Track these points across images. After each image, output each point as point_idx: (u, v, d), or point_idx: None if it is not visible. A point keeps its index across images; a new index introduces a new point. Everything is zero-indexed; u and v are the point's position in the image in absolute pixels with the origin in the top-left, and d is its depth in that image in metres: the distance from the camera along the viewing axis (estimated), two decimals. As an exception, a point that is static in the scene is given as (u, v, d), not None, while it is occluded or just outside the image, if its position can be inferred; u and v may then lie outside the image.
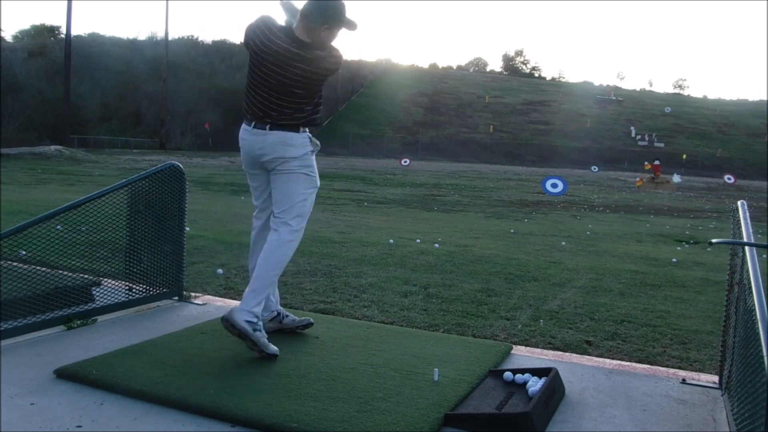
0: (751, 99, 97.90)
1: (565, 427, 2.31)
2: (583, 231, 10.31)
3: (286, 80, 2.94)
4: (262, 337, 2.84)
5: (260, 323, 2.87)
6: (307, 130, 3.05)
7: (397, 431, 2.14)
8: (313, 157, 3.10)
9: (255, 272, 2.97)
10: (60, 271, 3.38)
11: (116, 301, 3.50)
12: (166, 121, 48.37)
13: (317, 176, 3.11)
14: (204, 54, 70.86)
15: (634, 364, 3.14)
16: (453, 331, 3.66)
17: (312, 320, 3.30)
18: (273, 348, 2.86)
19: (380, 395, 2.44)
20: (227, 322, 2.81)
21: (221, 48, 75.80)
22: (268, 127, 3.01)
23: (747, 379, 1.97)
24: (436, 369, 2.68)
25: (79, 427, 2.12)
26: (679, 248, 8.76)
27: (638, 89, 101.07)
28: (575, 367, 2.96)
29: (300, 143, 3.02)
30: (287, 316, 3.24)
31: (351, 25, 3.01)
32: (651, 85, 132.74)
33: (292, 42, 2.93)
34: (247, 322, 2.80)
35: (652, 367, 3.13)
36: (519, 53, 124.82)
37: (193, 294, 3.96)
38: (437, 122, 66.42)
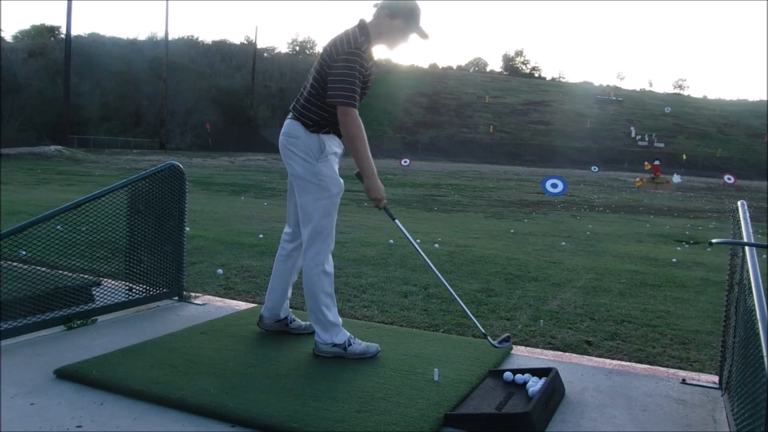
0: (751, 99, 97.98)
1: (565, 427, 2.31)
2: (583, 231, 10.31)
3: (319, 60, 2.85)
4: (357, 347, 2.89)
5: (347, 337, 2.89)
6: (321, 132, 2.85)
7: (397, 431, 2.14)
8: (329, 162, 2.87)
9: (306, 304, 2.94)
10: (60, 271, 3.39)
11: (116, 301, 3.50)
12: (166, 121, 48.35)
13: (332, 183, 2.87)
14: (204, 54, 70.93)
15: (634, 364, 3.14)
16: (453, 331, 3.66)
17: None
18: (374, 348, 2.92)
19: (380, 395, 2.44)
20: (317, 355, 2.89)
21: (221, 48, 75.90)
22: (290, 114, 2.94)
23: (747, 379, 1.97)
24: (436, 369, 2.68)
25: (79, 427, 2.12)
26: (679, 248, 8.75)
27: (638, 89, 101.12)
28: (575, 367, 2.96)
29: (303, 136, 2.84)
30: (294, 320, 3.25)
31: (419, 29, 2.89)
32: (651, 85, 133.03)
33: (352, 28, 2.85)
34: (335, 346, 2.86)
35: (652, 367, 3.13)
36: (519, 53, 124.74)
37: (193, 294, 3.97)
38: (437, 122, 66.41)
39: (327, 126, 2.87)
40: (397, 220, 3.00)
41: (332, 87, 2.76)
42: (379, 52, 2.97)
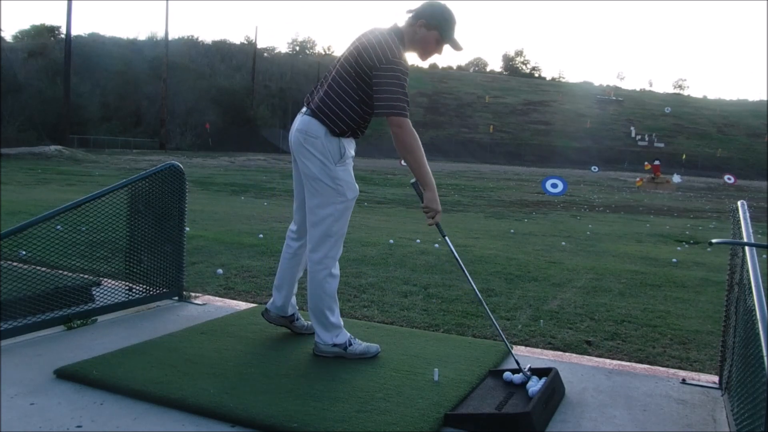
0: (751, 99, 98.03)
1: (565, 427, 2.31)
2: (583, 231, 10.31)
3: (342, 59, 2.77)
4: (357, 348, 2.88)
5: (347, 337, 2.89)
6: (342, 135, 2.77)
7: (397, 431, 2.14)
8: (347, 166, 2.81)
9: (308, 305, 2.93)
10: (60, 271, 3.38)
11: (116, 301, 3.50)
12: (166, 121, 48.35)
13: (348, 188, 2.81)
14: (204, 54, 70.97)
15: (634, 364, 3.14)
16: (453, 331, 3.66)
17: None
18: (374, 348, 2.91)
19: (380, 395, 2.44)
20: (317, 355, 2.90)
21: (221, 48, 75.94)
22: (306, 110, 2.83)
23: (747, 379, 1.97)
24: (436, 369, 2.68)
25: (79, 427, 2.12)
26: (679, 248, 8.76)
27: (638, 89, 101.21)
28: (575, 367, 2.96)
29: (323, 137, 2.74)
30: (298, 319, 3.24)
31: (453, 42, 2.80)
32: (651, 85, 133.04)
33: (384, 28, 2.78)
34: (335, 346, 2.86)
35: (652, 367, 3.13)
36: (519, 53, 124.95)
37: (193, 294, 3.96)
38: (437, 122, 66.44)
39: (352, 131, 2.81)
40: (446, 237, 2.91)
41: (382, 98, 2.65)
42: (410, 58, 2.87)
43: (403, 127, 2.67)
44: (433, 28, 2.75)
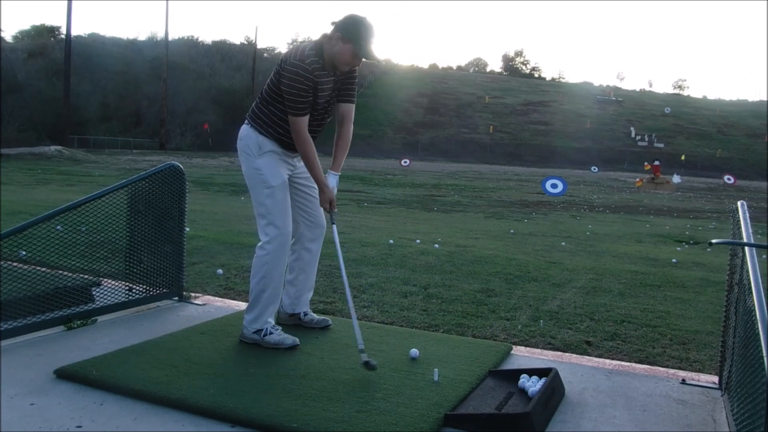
0: (751, 99, 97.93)
1: (565, 427, 2.31)
2: (583, 231, 10.31)
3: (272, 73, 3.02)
4: (275, 337, 3.00)
5: (268, 326, 3.03)
6: (267, 135, 3.01)
7: (397, 431, 2.14)
8: (267, 158, 3.03)
9: None
10: (60, 271, 3.39)
11: (116, 301, 3.50)
12: (166, 122, 48.33)
13: (270, 174, 3.01)
14: (204, 54, 70.90)
15: (634, 365, 3.15)
16: (453, 332, 3.66)
17: (330, 321, 3.39)
18: (290, 340, 3.01)
19: (380, 395, 2.44)
20: (241, 339, 3.07)
21: (221, 48, 75.88)
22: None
23: (747, 379, 1.97)
24: (436, 369, 2.68)
25: (79, 427, 2.12)
26: (678, 248, 8.76)
27: (638, 90, 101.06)
28: (575, 368, 2.96)
29: (246, 136, 3.04)
30: (307, 314, 3.34)
31: (368, 55, 2.89)
32: (651, 86, 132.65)
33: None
34: (255, 332, 3.02)
35: (652, 367, 3.14)
36: (519, 53, 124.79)
37: (193, 294, 3.97)
38: (437, 122, 66.40)
39: (273, 130, 3.03)
40: (335, 225, 3.21)
41: (284, 97, 2.91)
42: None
43: (293, 125, 2.92)
44: (348, 41, 2.88)
